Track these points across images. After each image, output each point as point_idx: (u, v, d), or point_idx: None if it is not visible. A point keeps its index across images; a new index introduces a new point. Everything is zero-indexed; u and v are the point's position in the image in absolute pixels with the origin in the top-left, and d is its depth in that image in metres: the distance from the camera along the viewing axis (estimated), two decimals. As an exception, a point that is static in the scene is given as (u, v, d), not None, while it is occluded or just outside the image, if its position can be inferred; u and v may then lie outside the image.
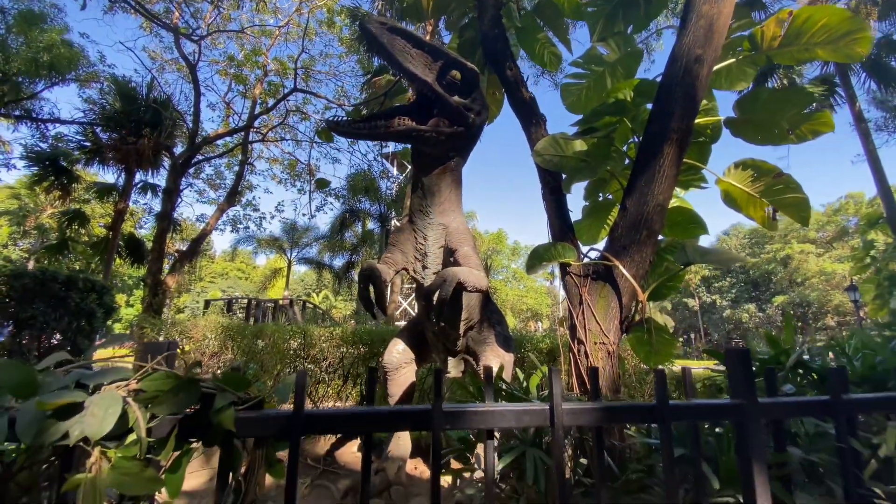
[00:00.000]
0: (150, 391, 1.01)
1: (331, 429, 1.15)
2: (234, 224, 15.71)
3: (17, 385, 0.96)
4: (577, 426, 1.87)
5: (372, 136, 2.91)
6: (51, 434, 0.91)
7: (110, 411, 0.95)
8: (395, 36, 2.68)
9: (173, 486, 1.02)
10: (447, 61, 2.85)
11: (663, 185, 2.70)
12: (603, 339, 2.81)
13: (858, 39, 2.52)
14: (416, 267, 3.23)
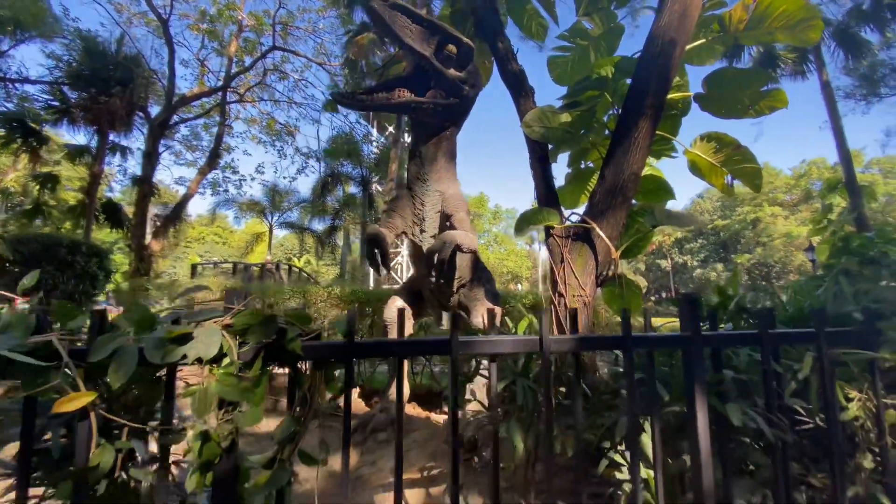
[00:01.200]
0: (239, 325, 1.32)
1: (375, 354, 1.49)
2: (213, 187, 15.48)
3: (141, 321, 1.25)
4: (560, 352, 2.26)
5: (374, 107, 3.13)
6: (173, 355, 1.21)
7: (213, 339, 1.25)
8: (396, 12, 2.86)
9: (258, 397, 1.35)
10: (444, 36, 3.04)
11: (637, 155, 3.03)
12: (580, 292, 3.21)
13: (812, 26, 2.82)
14: (415, 231, 3.54)
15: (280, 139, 16.38)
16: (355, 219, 24.72)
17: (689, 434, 1.86)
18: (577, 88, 3.33)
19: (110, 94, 11.35)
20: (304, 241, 27.54)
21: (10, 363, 1.16)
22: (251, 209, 22.88)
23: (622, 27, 3.61)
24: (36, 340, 1.22)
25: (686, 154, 3.38)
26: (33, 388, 1.19)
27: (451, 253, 3.57)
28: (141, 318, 1.26)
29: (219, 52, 13.96)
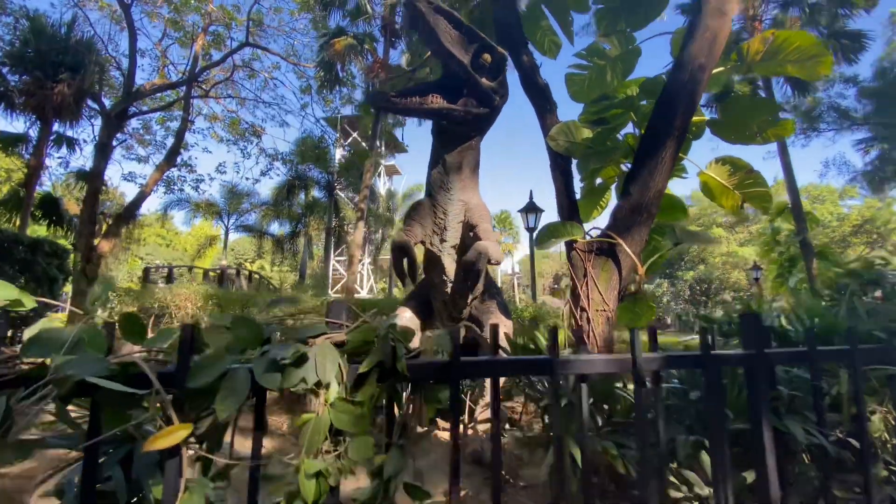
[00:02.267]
0: (354, 343, 1.17)
1: (478, 373, 1.38)
2: (168, 185, 14.44)
3: (248, 338, 1.07)
4: (650, 371, 2.19)
5: (407, 110, 3.03)
6: (291, 380, 1.04)
7: (332, 361, 1.10)
8: (439, 16, 2.78)
9: (366, 425, 1.19)
10: (481, 45, 3.00)
11: (663, 174, 3.11)
12: (604, 307, 3.23)
13: (822, 62, 3.04)
14: (434, 240, 3.43)
15: (244, 138, 15.61)
16: (318, 224, 24.02)
17: (754, 452, 1.87)
18: (602, 105, 3.40)
19: (58, 79, 10.36)
20: (261, 246, 26.37)
21: (84, 388, 0.95)
22: (206, 211, 21.61)
23: (639, 50, 3.73)
24: (119, 361, 1.01)
25: (700, 176, 3.52)
26: (119, 423, 0.99)
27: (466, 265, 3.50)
28: (249, 334, 1.08)
29: (183, 43, 13.15)
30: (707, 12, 2.89)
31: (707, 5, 2.89)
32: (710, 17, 2.88)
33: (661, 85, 3.39)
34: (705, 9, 2.90)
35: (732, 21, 3.06)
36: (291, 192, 19.01)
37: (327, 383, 1.08)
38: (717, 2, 2.86)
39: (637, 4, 3.68)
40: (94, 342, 1.02)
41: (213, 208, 21.87)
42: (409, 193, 27.52)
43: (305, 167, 18.65)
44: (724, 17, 2.88)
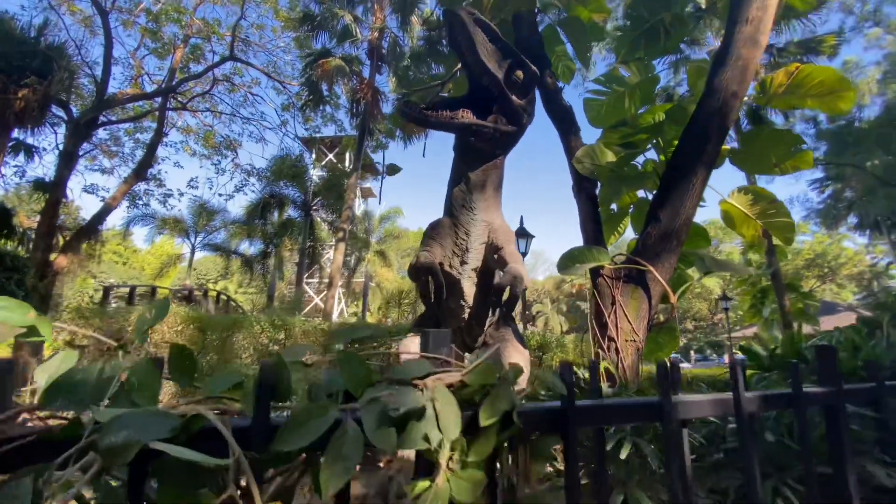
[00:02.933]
0: (475, 387, 0.93)
1: (592, 421, 1.16)
2: (133, 200, 13.59)
3: (357, 380, 0.81)
4: (750, 412, 1.98)
5: (438, 124, 2.85)
6: (412, 439, 0.78)
7: (452, 411, 0.85)
8: (477, 28, 2.65)
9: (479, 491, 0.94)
10: (515, 61, 2.89)
11: (693, 200, 3.05)
12: (633, 337, 3.08)
13: (843, 96, 3.10)
14: (453, 262, 3.21)
15: (219, 153, 15.04)
16: (292, 245, 23.26)
17: (837, 494, 1.74)
18: (626, 132, 3.35)
19: (23, 83, 9.69)
20: (228, 266, 25.23)
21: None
22: (173, 228, 20.52)
23: (658, 78, 3.74)
24: (182, 414, 0.73)
25: (721, 205, 3.49)
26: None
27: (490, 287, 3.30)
28: (357, 375, 0.82)
29: (160, 54, 12.69)
30: (740, 41, 2.91)
31: (740, 34, 2.91)
32: (744, 46, 2.89)
33: (687, 112, 3.39)
34: (738, 38, 2.92)
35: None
36: (266, 210, 18.37)
37: (450, 441, 0.84)
38: (752, 31, 2.88)
39: (656, 35, 3.71)
40: (145, 387, 0.74)
41: (179, 225, 20.80)
42: (387, 216, 27.26)
43: (281, 185, 18.11)
44: (758, 46, 2.90)
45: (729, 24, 2.97)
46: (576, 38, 4.03)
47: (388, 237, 29.10)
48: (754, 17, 2.87)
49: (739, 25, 2.91)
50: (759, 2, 2.86)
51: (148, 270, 44.31)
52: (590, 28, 3.92)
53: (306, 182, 20.08)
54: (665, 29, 3.68)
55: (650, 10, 3.62)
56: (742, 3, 2.89)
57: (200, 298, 13.55)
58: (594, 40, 3.96)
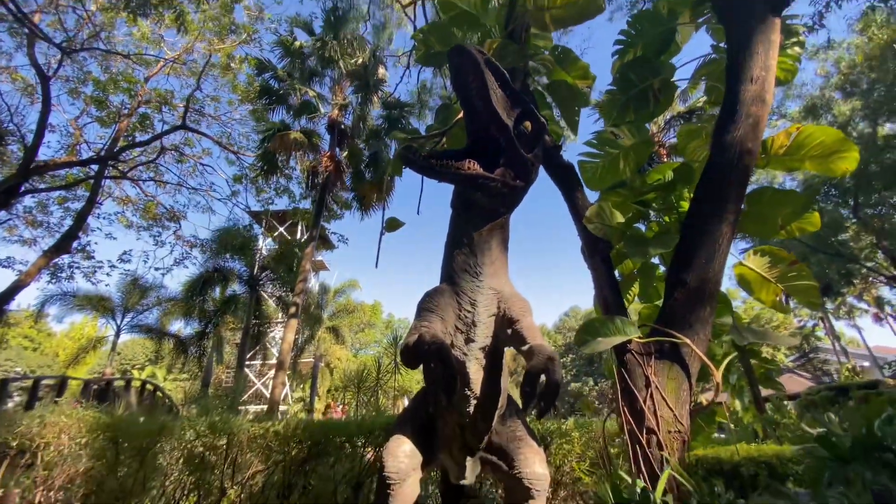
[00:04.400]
0: None
1: None
2: (54, 274, 11.90)
3: None
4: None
5: (442, 174, 2.42)
6: None
7: None
8: (488, 70, 2.36)
9: None
10: (524, 110, 2.60)
11: (721, 261, 2.75)
12: (678, 428, 2.55)
13: (844, 157, 3.06)
14: (457, 340, 2.61)
15: (160, 224, 13.90)
16: (235, 323, 21.30)
17: None
18: (632, 191, 3.11)
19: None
20: (159, 349, 22.48)
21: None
22: (96, 307, 18.16)
23: (651, 141, 3.64)
24: None
25: (736, 268, 3.24)
26: None
27: (499, 370, 2.71)
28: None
29: (105, 122, 11.95)
30: (748, 100, 2.82)
31: (746, 93, 2.84)
32: (752, 104, 2.81)
33: (694, 170, 3.23)
34: (744, 97, 2.84)
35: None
36: (207, 285, 16.85)
37: None
38: (758, 90, 2.82)
39: (646, 100, 3.67)
40: None
41: (104, 304, 18.48)
42: (341, 289, 26.10)
43: (226, 258, 16.89)
44: (765, 104, 2.83)
45: (732, 84, 2.92)
46: (563, 102, 3.93)
47: (341, 312, 27.67)
48: (758, 77, 2.84)
49: (744, 85, 2.86)
50: (761, 63, 2.85)
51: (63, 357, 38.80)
52: (580, 95, 3.84)
53: (254, 255, 18.93)
54: (654, 94, 3.67)
55: (639, 75, 3.60)
56: (745, 64, 2.87)
57: (121, 391, 11.55)
58: (580, 106, 3.87)
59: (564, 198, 3.22)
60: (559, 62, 3.73)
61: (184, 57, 13.10)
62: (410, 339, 2.35)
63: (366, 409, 14.37)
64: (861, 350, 30.95)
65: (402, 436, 2.73)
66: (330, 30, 12.36)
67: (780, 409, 10.86)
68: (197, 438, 3.58)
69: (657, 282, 3.48)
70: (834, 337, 30.14)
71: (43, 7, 9.65)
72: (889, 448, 2.20)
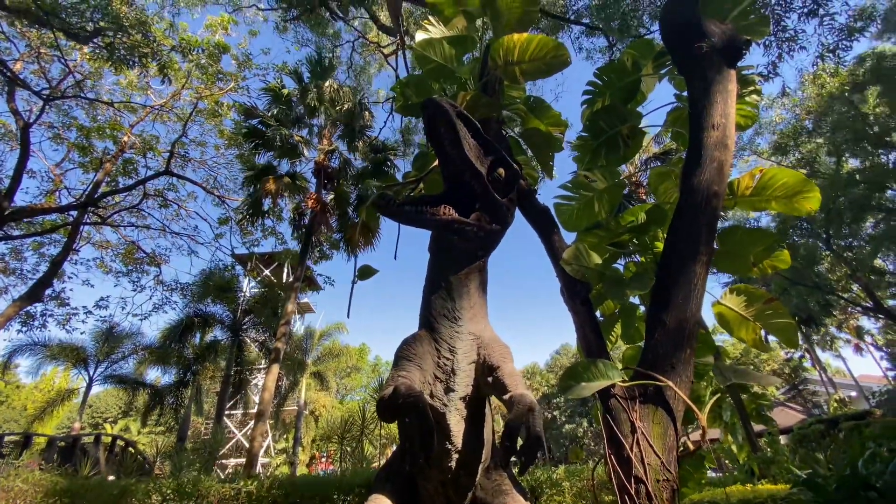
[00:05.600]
0: None
1: None
2: (25, 322, 11.41)
3: None
4: None
5: (416, 221, 2.45)
6: None
7: None
8: (460, 121, 2.44)
9: None
10: (497, 157, 2.67)
11: (698, 301, 2.77)
12: (666, 476, 2.46)
13: (808, 198, 3.18)
14: (436, 389, 2.53)
15: (139, 270, 13.60)
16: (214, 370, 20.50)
17: None
18: (611, 233, 3.17)
19: None
20: (133, 401, 21.36)
21: None
22: (67, 357, 17.35)
23: (624, 184, 3.76)
24: None
25: (714, 307, 3.27)
26: None
27: (482, 422, 2.62)
28: None
29: (87, 168, 11.92)
30: (711, 145, 2.95)
31: (710, 139, 2.97)
32: (716, 148, 2.94)
33: (665, 212, 3.32)
34: (708, 142, 2.97)
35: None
36: (188, 331, 16.33)
37: None
38: (720, 136, 2.96)
39: (616, 145, 3.82)
40: None
41: (77, 354, 17.68)
42: (327, 332, 25.53)
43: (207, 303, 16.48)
44: (728, 150, 2.96)
45: (695, 131, 3.07)
46: (537, 148, 4.07)
47: (326, 356, 26.93)
48: (719, 124, 2.99)
49: (707, 132, 3.00)
50: (721, 111, 3.01)
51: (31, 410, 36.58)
52: (549, 140, 3.98)
53: (237, 298, 18.54)
54: (623, 140, 3.82)
55: (608, 123, 3.77)
56: (706, 112, 3.02)
57: (90, 447, 10.85)
58: (553, 151, 4.00)
59: (542, 240, 3.26)
60: (532, 111, 3.89)
61: (171, 103, 13.33)
62: (386, 391, 2.27)
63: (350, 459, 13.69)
64: (847, 380, 31.07)
65: (380, 496, 2.58)
66: (315, 78, 12.78)
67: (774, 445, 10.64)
68: (163, 502, 3.33)
69: (638, 322, 3.48)
70: (820, 368, 30.27)
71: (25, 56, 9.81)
72: (873, 486, 2.15)
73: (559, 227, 3.34)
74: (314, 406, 26.95)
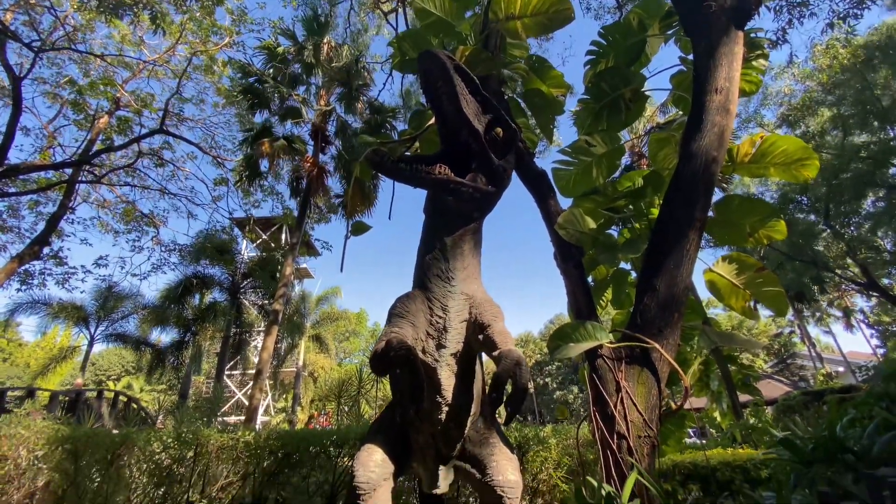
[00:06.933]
0: None
1: None
2: (24, 281, 11.49)
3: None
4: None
5: (412, 179, 2.42)
6: None
7: None
8: (458, 76, 2.37)
9: None
10: (496, 116, 2.62)
11: (689, 267, 2.79)
12: (648, 432, 2.56)
13: (807, 165, 3.15)
14: (428, 346, 2.59)
15: (138, 229, 13.58)
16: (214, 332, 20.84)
17: None
18: (605, 198, 3.15)
19: None
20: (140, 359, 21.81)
21: None
22: (69, 315, 17.58)
23: (623, 149, 3.70)
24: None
25: (706, 274, 3.29)
26: None
27: (471, 378, 2.69)
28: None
29: (81, 125, 11.67)
30: (712, 110, 2.90)
31: (711, 103, 2.91)
32: (717, 113, 2.88)
33: (663, 178, 3.30)
34: (710, 106, 2.91)
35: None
36: (187, 292, 16.48)
37: None
38: (722, 100, 2.90)
39: (618, 109, 3.74)
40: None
41: (78, 313, 17.90)
42: (324, 297, 25.80)
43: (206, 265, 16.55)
44: (729, 115, 2.90)
45: (698, 94, 3.00)
46: (537, 111, 3.99)
47: (324, 320, 27.32)
48: (722, 88, 2.92)
49: (709, 95, 2.93)
50: (725, 74, 2.93)
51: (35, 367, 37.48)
52: (554, 103, 3.89)
53: (236, 261, 18.61)
54: (625, 103, 3.74)
55: (611, 85, 3.67)
56: (709, 75, 2.95)
57: (93, 402, 11.17)
58: (554, 114, 3.92)
59: (538, 204, 3.24)
60: (534, 71, 3.78)
61: (165, 57, 12.91)
62: (379, 345, 2.32)
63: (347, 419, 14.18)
64: (836, 356, 31.76)
65: (373, 445, 2.68)
66: (311, 35, 12.34)
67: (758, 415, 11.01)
68: (164, 450, 3.47)
69: (629, 288, 3.52)
70: (809, 343, 30.90)
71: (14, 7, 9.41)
72: (850, 449, 2.24)
73: (556, 192, 3.31)
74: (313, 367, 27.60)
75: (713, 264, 3.26)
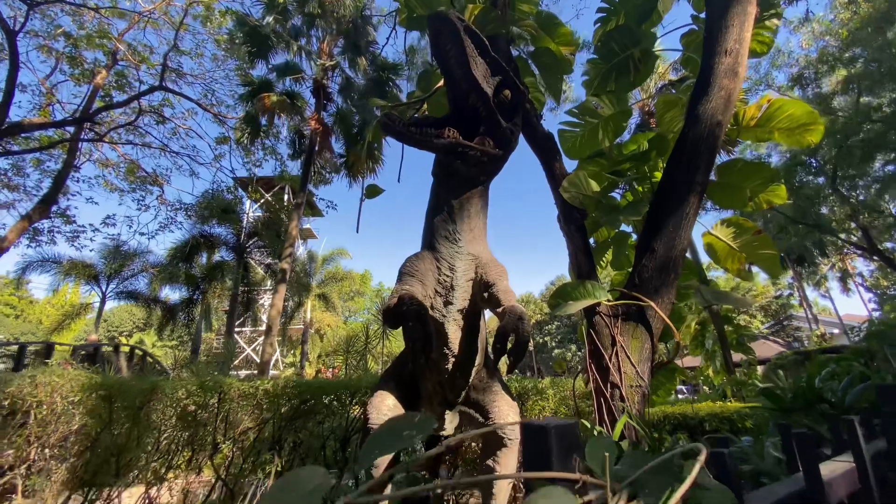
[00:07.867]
0: None
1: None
2: (33, 238, 11.70)
3: None
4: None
5: (421, 142, 2.49)
6: None
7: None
8: (468, 37, 2.38)
9: None
10: (505, 78, 2.64)
11: (688, 229, 2.89)
12: (639, 382, 2.76)
13: (811, 130, 3.18)
14: (436, 303, 2.75)
15: (142, 188, 13.63)
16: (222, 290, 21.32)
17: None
18: (612, 161, 3.20)
19: None
20: (150, 316, 22.47)
21: None
22: (79, 273, 17.97)
23: (630, 111, 3.71)
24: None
25: (704, 237, 3.40)
26: None
27: (476, 330, 2.87)
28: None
29: (79, 80, 11.45)
30: (721, 72, 2.89)
31: (720, 66, 2.90)
32: (725, 76, 2.88)
33: (668, 141, 3.33)
34: (718, 69, 2.91)
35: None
36: (194, 251, 16.74)
37: None
38: (731, 62, 2.89)
39: (626, 70, 3.70)
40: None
41: (88, 270, 18.29)
42: (330, 257, 26.12)
43: (212, 224, 16.69)
44: (738, 78, 2.90)
45: (706, 57, 2.98)
46: (546, 70, 3.95)
47: (329, 280, 27.79)
48: (732, 49, 2.90)
49: (718, 57, 2.92)
50: (735, 35, 2.90)
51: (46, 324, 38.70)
52: (563, 62, 3.85)
53: (241, 221, 18.75)
54: (635, 64, 3.70)
55: (620, 45, 3.62)
56: (720, 36, 2.92)
57: (110, 355, 11.67)
58: (563, 73, 3.89)
59: (543, 166, 3.30)
60: (543, 28, 3.71)
61: (163, 6, 12.45)
62: (391, 300, 2.48)
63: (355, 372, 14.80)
64: (832, 318, 32.30)
65: (385, 391, 2.92)
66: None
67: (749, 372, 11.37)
68: (188, 397, 3.74)
69: (629, 250, 3.64)
70: (807, 306, 31.35)
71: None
72: (826, 400, 2.44)
73: (562, 154, 3.36)
74: (319, 325, 28.38)
75: (712, 227, 3.36)
